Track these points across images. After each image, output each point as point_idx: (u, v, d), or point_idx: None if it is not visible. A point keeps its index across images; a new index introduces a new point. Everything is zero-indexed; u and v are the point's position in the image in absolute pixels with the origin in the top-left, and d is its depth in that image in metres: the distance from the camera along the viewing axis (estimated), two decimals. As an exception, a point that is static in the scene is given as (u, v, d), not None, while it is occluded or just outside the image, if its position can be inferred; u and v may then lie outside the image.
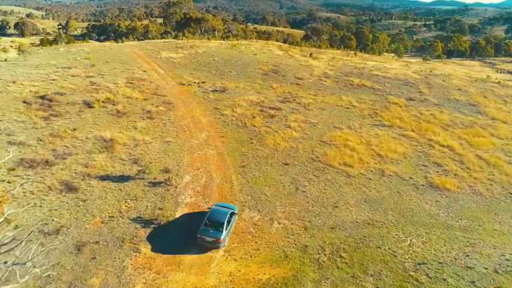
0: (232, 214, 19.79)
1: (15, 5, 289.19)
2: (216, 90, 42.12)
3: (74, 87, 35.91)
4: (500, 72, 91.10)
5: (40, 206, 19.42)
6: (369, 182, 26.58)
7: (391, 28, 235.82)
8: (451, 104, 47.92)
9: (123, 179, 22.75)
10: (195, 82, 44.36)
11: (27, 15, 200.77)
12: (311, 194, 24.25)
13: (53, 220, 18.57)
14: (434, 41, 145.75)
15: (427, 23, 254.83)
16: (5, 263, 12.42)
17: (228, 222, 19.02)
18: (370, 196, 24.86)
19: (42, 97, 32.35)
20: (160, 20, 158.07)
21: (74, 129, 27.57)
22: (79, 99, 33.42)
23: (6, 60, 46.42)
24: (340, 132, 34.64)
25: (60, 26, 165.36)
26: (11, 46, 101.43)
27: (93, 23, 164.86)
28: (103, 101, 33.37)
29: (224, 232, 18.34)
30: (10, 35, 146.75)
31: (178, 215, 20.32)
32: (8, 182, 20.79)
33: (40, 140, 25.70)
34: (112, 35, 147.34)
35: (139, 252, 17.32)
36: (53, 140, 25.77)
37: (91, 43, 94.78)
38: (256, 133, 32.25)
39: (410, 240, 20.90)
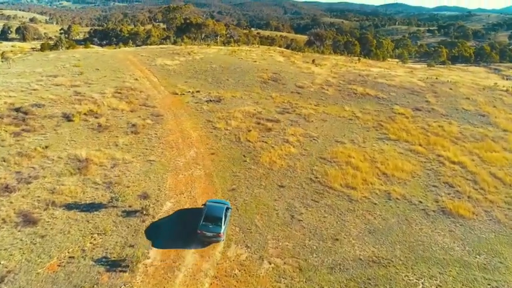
0: (227, 209, 20.03)
1: (20, 10, 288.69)
2: (211, 101, 39.16)
3: (55, 98, 32.99)
4: (507, 79, 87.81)
5: (-12, 245, 16.47)
6: (373, 208, 23.41)
7: (395, 33, 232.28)
8: (459, 114, 44.72)
9: (93, 207, 19.70)
10: (189, 91, 41.43)
11: (31, 20, 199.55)
12: (308, 223, 21.12)
13: (-1, 263, 15.62)
14: (438, 47, 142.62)
15: (430, 28, 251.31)
16: None
17: (225, 216, 19.30)
18: (375, 225, 21.69)
19: (17, 109, 29.38)
20: (164, 25, 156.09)
21: (46, 147, 24.54)
22: (58, 111, 30.47)
23: (-12, 68, 43.79)
24: (342, 148, 31.54)
25: (62, 31, 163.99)
26: (11, 51, 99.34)
27: (96, 27, 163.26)
28: (85, 114, 30.42)
29: (223, 226, 18.67)
30: (12, 40, 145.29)
31: (152, 253, 17.26)
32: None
33: (4, 160, 22.66)
34: (114, 39, 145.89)
35: (97, 307, 14.31)
36: (19, 160, 22.75)
37: (92, 48, 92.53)
38: (251, 149, 29.18)
39: (422, 283, 17.67)
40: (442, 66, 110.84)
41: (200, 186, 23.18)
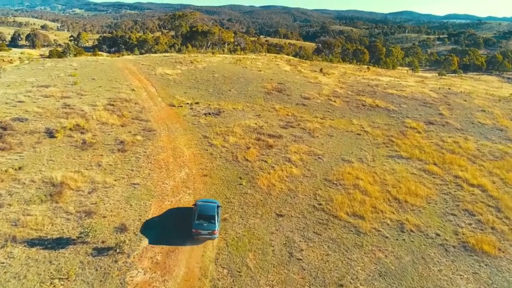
0: (217, 207, 19.91)
1: (33, 17, 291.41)
2: (210, 113, 36.43)
3: (41, 111, 30.51)
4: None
5: None
6: (384, 243, 20.26)
7: (405, 41, 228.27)
8: (475, 128, 41.31)
9: (60, 243, 16.89)
10: (188, 103, 38.78)
11: (42, 27, 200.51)
12: (309, 263, 18.05)
13: None
14: (449, 55, 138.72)
15: (440, 36, 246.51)
16: None
17: (217, 214, 19.27)
18: (387, 266, 18.54)
19: (-4, 124, 27.07)
20: (173, 33, 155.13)
21: (20, 168, 21.89)
22: (42, 126, 27.92)
23: (-23, 78, 41.40)
24: (350, 167, 28.46)
25: (72, 38, 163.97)
26: (19, 58, 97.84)
27: (105, 35, 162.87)
28: (70, 129, 27.82)
29: (217, 224, 18.75)
30: (22, 46, 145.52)
31: (120, 305, 14.39)
32: None
33: (-33, 186, 20.21)
34: (123, 46, 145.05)
35: None
36: (-15, 185, 20.26)
37: (93, 56, 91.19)
38: (248, 170, 26.24)
39: None
40: (454, 75, 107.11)
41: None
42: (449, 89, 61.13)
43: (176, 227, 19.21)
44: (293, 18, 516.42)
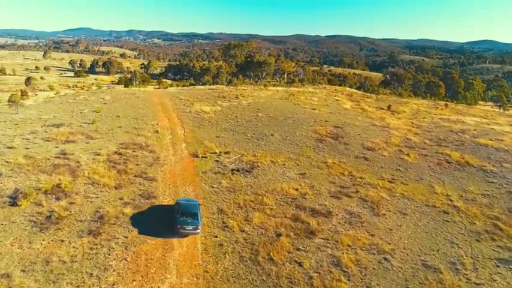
0: (198, 205, 20.28)
1: (117, 46, 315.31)
2: (238, 170, 27.34)
3: (25, 162, 23.81)
4: None
5: None
6: None
7: (485, 73, 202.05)
8: None
9: None
10: (215, 152, 30.25)
11: (121, 55, 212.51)
12: None
13: None
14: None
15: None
16: None
17: (199, 211, 19.59)
18: None
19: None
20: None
21: None
22: (12, 186, 20.90)
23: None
24: (438, 284, 17.24)
25: (142, 66, 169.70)
26: (92, 83, 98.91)
27: (171, 63, 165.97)
28: (46, 191, 20.49)
29: (200, 220, 19.03)
30: (98, 73, 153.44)
31: None
32: None
33: None
34: (186, 74, 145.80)
35: None
36: None
37: (167, 82, 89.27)
38: (270, 284, 16.30)
39: None
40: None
41: None
42: (562, 138, 45.62)
43: None
44: (359, 48, 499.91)
